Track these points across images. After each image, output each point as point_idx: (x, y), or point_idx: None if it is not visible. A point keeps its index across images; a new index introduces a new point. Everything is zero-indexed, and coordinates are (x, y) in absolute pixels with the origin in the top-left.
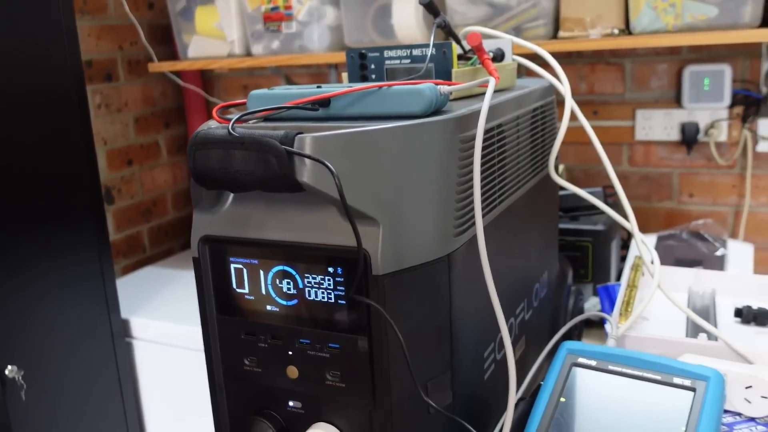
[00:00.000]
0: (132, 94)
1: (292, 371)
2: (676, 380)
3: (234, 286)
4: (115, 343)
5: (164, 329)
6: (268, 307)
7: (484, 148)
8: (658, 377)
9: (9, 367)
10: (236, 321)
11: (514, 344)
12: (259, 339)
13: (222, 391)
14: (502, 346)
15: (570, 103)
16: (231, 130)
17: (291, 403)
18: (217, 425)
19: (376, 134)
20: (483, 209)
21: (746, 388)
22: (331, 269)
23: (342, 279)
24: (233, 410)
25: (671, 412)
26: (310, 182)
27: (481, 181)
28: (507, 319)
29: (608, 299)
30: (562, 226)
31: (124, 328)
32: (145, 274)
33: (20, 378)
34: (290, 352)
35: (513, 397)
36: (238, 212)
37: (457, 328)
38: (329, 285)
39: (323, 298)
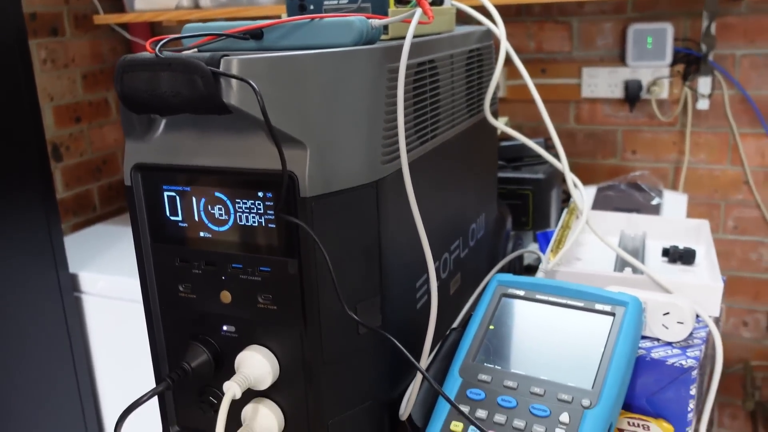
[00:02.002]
0: (79, 49)
1: (226, 296)
2: (598, 306)
3: (167, 213)
4: (63, 297)
5: (114, 283)
6: (201, 234)
7: (415, 81)
8: (581, 304)
9: None
10: (170, 248)
11: (449, 279)
12: (193, 265)
13: (158, 318)
14: (440, 274)
15: (505, 45)
16: (158, 53)
17: (225, 328)
18: (154, 352)
19: (302, 59)
20: (414, 141)
21: (664, 314)
22: (260, 193)
23: (272, 203)
24: (169, 337)
25: (592, 336)
26: (236, 103)
27: (413, 113)
28: (441, 254)
29: (547, 244)
30: (504, 175)
31: (73, 282)
32: (95, 231)
33: None
34: (223, 277)
35: (433, 321)
36: (169, 140)
37: (386, 255)
38: (259, 209)
39: (254, 222)
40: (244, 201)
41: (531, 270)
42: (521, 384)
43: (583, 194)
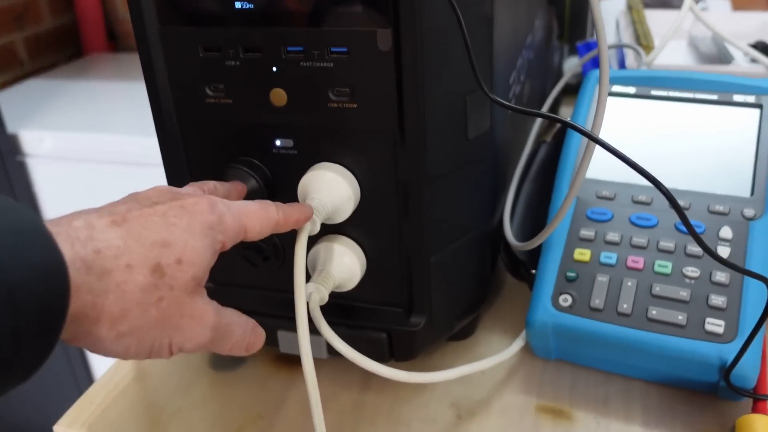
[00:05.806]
0: None
1: (279, 96)
2: (737, 98)
3: None
4: (5, 161)
5: (61, 141)
6: (238, 5)
7: None
8: (714, 97)
9: None
10: (189, 32)
11: (522, 91)
12: (227, 55)
13: (176, 137)
14: (518, 77)
15: None
16: None
17: (279, 143)
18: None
19: None
20: None
21: None
22: None
23: None
24: (196, 162)
25: (735, 134)
26: None
27: None
28: (519, 51)
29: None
30: None
31: (13, 144)
32: (28, 87)
33: None
34: (274, 68)
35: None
36: None
37: (496, 32)
38: None
39: None
40: None
41: (570, 91)
42: (657, 197)
43: None
